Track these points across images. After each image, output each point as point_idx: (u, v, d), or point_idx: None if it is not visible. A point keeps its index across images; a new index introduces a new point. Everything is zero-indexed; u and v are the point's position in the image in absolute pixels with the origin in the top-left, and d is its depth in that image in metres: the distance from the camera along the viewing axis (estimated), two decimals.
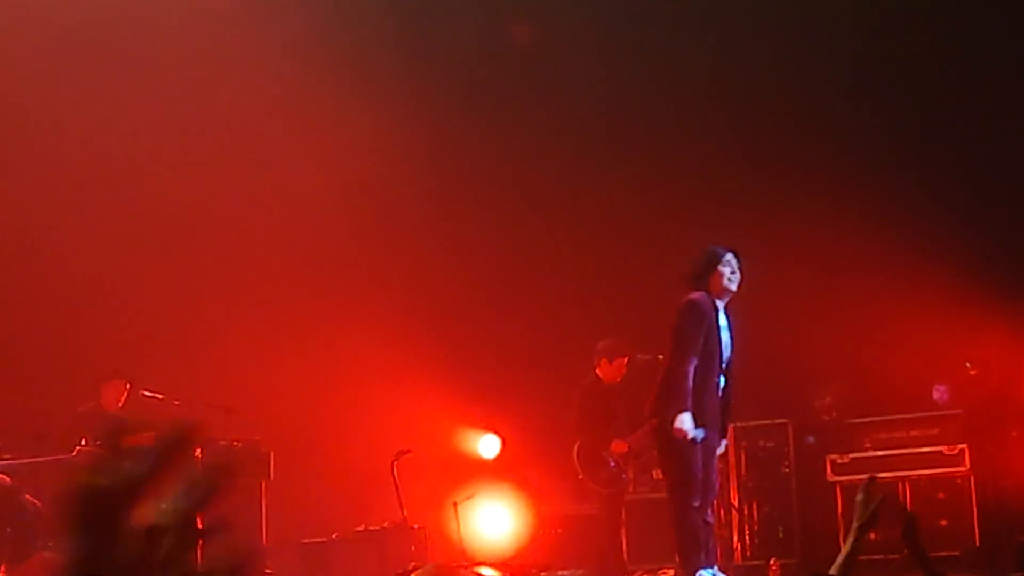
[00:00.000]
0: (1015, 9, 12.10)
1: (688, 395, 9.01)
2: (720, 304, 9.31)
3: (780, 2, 13.32)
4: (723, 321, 9.31)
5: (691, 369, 9.09)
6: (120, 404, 11.71)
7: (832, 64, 12.93)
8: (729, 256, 9.30)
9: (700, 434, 9.07)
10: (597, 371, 12.06)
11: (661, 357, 9.75)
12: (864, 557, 3.42)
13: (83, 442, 10.53)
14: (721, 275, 9.22)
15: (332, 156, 13.47)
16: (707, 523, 9.33)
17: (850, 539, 3.52)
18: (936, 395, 12.04)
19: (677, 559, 9.39)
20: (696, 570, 9.00)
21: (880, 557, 9.83)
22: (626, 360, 11.88)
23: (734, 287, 9.28)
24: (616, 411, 11.96)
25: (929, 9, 12.56)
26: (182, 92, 13.43)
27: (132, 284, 13.15)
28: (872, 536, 4.15)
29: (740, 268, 9.30)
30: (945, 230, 11.82)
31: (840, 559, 3.50)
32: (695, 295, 9.24)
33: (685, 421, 8.94)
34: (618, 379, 12.00)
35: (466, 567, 9.21)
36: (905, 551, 3.58)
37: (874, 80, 12.85)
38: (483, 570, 9.80)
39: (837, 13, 12.94)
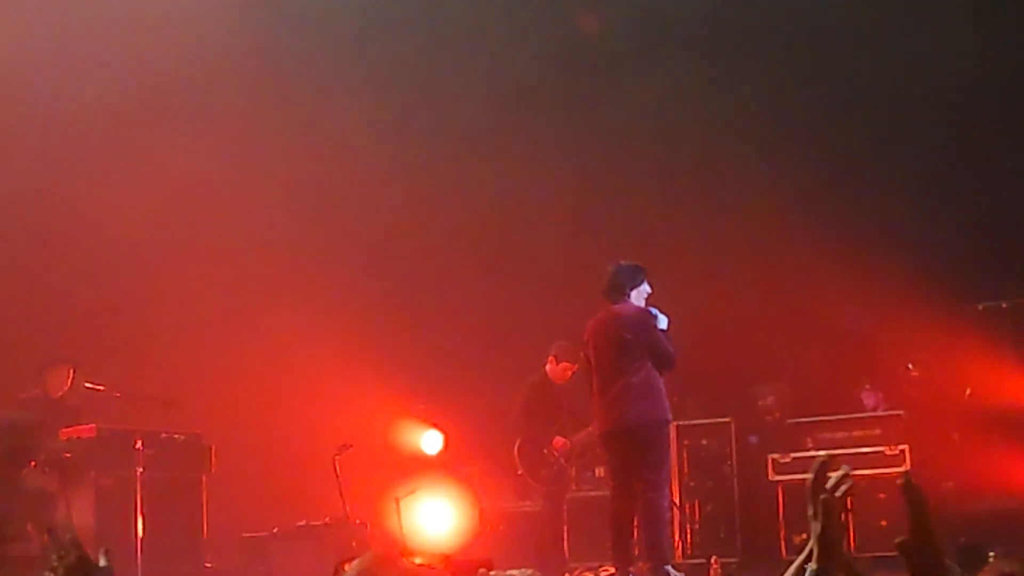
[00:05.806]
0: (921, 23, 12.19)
1: None
2: None
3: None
4: None
5: None
6: (66, 389, 11.58)
7: (781, 71, 12.97)
8: None
9: None
10: (547, 368, 12.05)
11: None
12: None
13: (32, 464, 10.38)
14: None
15: (274, 150, 13.39)
16: None
17: (816, 525, 2.88)
18: (865, 399, 12.08)
19: (651, 554, 9.55)
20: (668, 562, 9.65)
21: None
22: (574, 368, 11.83)
23: None
24: (561, 409, 11.95)
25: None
26: (135, 88, 13.30)
27: (73, 275, 13.00)
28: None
29: None
30: (889, 231, 11.88)
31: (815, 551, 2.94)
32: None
33: None
34: (565, 380, 11.98)
35: (404, 556, 9.15)
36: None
37: (819, 88, 12.92)
38: (420, 560, 9.75)
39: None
